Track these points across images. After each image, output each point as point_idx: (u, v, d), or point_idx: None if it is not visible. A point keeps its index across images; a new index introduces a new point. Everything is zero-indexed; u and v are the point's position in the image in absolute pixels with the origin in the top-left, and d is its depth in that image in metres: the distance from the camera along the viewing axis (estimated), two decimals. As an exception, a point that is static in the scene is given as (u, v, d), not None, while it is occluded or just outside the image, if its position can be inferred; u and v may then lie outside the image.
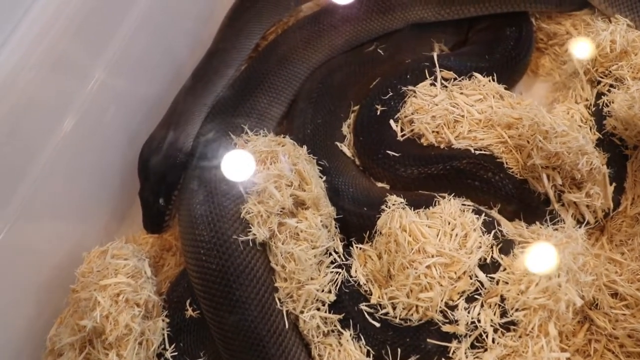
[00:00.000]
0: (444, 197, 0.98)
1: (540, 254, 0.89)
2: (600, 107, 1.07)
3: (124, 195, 1.11)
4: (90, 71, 1.04)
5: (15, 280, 0.92)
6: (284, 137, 1.03)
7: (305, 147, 1.03)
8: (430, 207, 0.96)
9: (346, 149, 1.13)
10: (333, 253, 0.96)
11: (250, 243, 0.92)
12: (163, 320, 0.94)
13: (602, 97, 1.07)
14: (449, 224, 0.94)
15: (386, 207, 0.97)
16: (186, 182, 1.02)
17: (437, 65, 1.13)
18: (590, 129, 1.08)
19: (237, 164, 0.98)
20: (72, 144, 1.00)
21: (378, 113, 1.12)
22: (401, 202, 0.98)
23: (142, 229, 1.05)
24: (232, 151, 1.01)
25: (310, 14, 1.25)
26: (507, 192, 1.01)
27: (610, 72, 1.08)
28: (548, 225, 0.95)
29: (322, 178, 1.03)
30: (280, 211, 0.94)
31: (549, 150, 0.97)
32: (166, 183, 1.02)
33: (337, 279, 0.94)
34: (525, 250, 0.92)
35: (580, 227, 0.97)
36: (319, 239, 0.94)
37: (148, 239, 1.08)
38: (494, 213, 1.01)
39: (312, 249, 0.93)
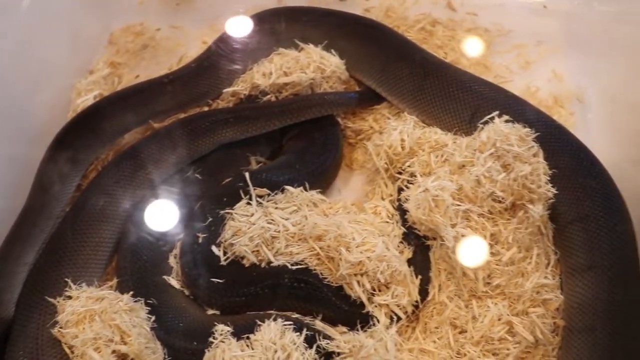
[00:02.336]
0: (267, 319, 1.02)
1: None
2: (401, 202, 1.16)
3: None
4: None
5: None
6: (109, 287, 1.05)
7: (130, 293, 1.05)
8: (255, 332, 1.01)
9: (174, 281, 1.15)
10: None
11: (77, 410, 0.93)
12: None
13: (402, 192, 1.17)
14: (270, 349, 0.99)
15: (213, 339, 1.01)
16: (10, 349, 1.02)
17: (249, 184, 1.19)
18: (396, 223, 1.16)
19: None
20: None
21: (200, 241, 1.16)
22: (227, 331, 1.02)
23: None
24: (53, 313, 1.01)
25: (127, 147, 1.28)
26: (326, 301, 1.08)
27: (405, 169, 1.18)
28: (359, 330, 1.02)
29: (150, 319, 1.05)
30: (105, 371, 0.96)
31: (353, 261, 1.05)
32: None
33: None
34: (342, 363, 0.98)
35: (393, 324, 1.05)
36: (146, 392, 0.96)
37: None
38: (318, 322, 1.07)
39: (140, 404, 0.95)
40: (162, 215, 1.21)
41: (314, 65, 1.31)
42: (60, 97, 1.37)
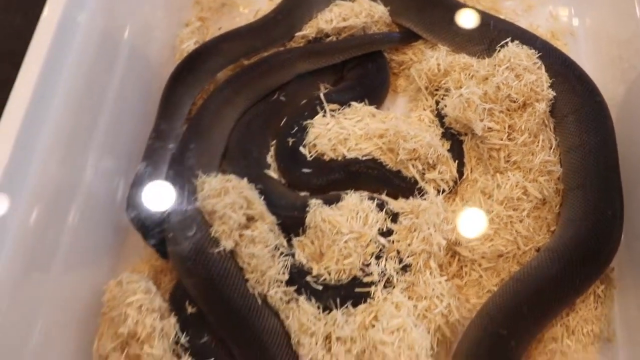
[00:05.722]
0: (347, 194, 1.42)
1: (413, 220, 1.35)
2: (439, 110, 1.55)
3: (116, 245, 1.49)
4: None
5: (64, 314, 1.28)
6: (228, 175, 1.44)
7: (245, 179, 1.44)
8: (339, 202, 1.40)
9: (273, 173, 1.53)
10: (280, 247, 1.36)
11: (223, 252, 1.31)
12: (174, 318, 1.32)
13: (439, 103, 1.55)
14: (353, 210, 1.38)
15: (309, 208, 1.40)
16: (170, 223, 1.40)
17: (324, 102, 1.58)
18: (437, 127, 1.54)
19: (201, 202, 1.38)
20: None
21: (290, 144, 1.54)
22: (319, 203, 1.40)
23: (135, 263, 1.45)
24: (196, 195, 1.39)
25: (224, 79, 1.66)
26: (388, 180, 1.45)
27: (441, 86, 1.56)
28: (418, 198, 1.41)
29: (261, 197, 1.44)
30: (238, 226, 1.34)
31: (409, 148, 1.43)
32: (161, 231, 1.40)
33: (287, 264, 1.33)
34: (406, 218, 1.37)
35: (439, 194, 1.44)
36: (268, 239, 1.33)
37: (143, 269, 1.44)
38: (384, 197, 1.45)
39: (265, 247, 1.32)
40: (258, 126, 1.59)
41: (365, 12, 1.67)
42: (166, 45, 1.74)
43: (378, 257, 1.34)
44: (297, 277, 1.33)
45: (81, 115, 1.40)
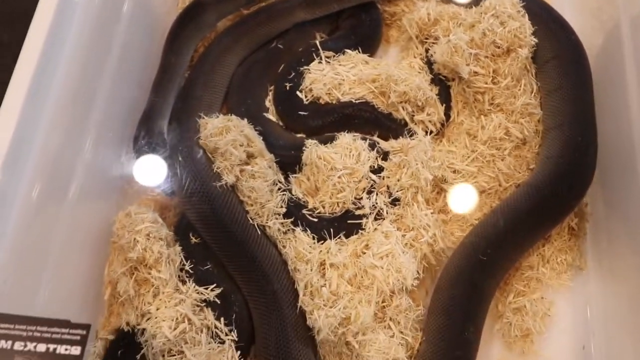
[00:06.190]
0: (341, 134, 1.51)
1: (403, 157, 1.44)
2: (428, 58, 1.63)
3: (124, 182, 1.57)
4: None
5: (76, 244, 1.38)
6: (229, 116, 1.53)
7: (245, 120, 1.53)
8: (333, 142, 1.50)
9: (271, 116, 1.63)
10: (278, 183, 1.46)
11: (225, 186, 1.41)
12: (179, 247, 1.42)
13: (429, 50, 1.63)
14: (347, 149, 1.47)
15: (306, 147, 1.49)
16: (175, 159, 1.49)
17: (320, 49, 1.66)
18: (426, 73, 1.63)
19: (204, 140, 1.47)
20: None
21: (287, 89, 1.63)
22: (315, 143, 1.50)
23: (141, 199, 1.54)
24: (198, 134, 1.48)
25: (224, 28, 1.74)
26: (380, 122, 1.55)
27: (430, 34, 1.64)
28: (407, 137, 1.50)
29: (260, 138, 1.53)
30: (239, 162, 1.43)
31: (400, 91, 1.52)
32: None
33: (284, 198, 1.44)
34: (396, 155, 1.47)
35: (427, 135, 1.53)
36: (267, 175, 1.43)
37: (150, 204, 1.54)
38: (375, 137, 1.54)
39: (265, 181, 1.43)
40: (258, 72, 1.68)
41: (360, -36, 1.76)
42: (169, -6, 1.83)
43: (369, 192, 1.44)
44: (294, 210, 1.43)
45: (90, 62, 1.48)
